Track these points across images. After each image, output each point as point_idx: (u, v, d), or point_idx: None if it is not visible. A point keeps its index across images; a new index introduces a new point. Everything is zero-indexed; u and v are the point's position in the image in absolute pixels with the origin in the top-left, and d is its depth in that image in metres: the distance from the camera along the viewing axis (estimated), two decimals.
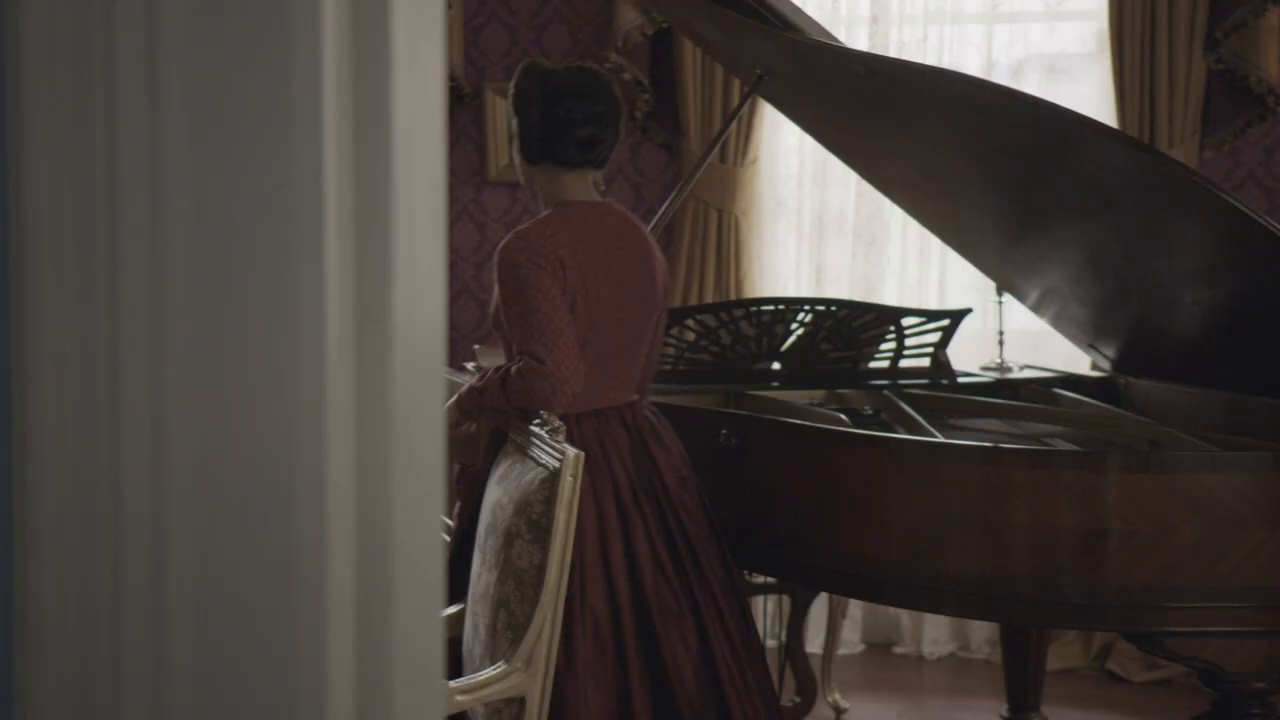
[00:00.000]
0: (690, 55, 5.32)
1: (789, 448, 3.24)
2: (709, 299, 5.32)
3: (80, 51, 0.92)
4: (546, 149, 3.11)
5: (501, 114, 5.54)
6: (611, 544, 2.97)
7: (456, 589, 2.95)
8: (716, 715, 2.94)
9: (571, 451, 2.67)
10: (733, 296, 5.33)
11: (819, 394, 3.98)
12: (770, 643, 4.78)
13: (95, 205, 0.93)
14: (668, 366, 3.87)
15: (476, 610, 2.85)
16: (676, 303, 5.30)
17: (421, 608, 1.04)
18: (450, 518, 3.21)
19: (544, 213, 3.12)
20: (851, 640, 5.47)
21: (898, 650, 5.49)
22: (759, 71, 3.71)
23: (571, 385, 2.93)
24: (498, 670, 2.64)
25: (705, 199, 5.38)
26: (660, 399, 3.56)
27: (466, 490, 3.17)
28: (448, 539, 3.09)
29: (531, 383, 2.93)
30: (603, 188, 3.21)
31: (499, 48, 5.58)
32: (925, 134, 3.59)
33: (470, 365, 3.99)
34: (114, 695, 0.96)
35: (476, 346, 4.14)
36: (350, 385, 0.97)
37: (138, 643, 0.95)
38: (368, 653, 1.00)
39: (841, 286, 5.39)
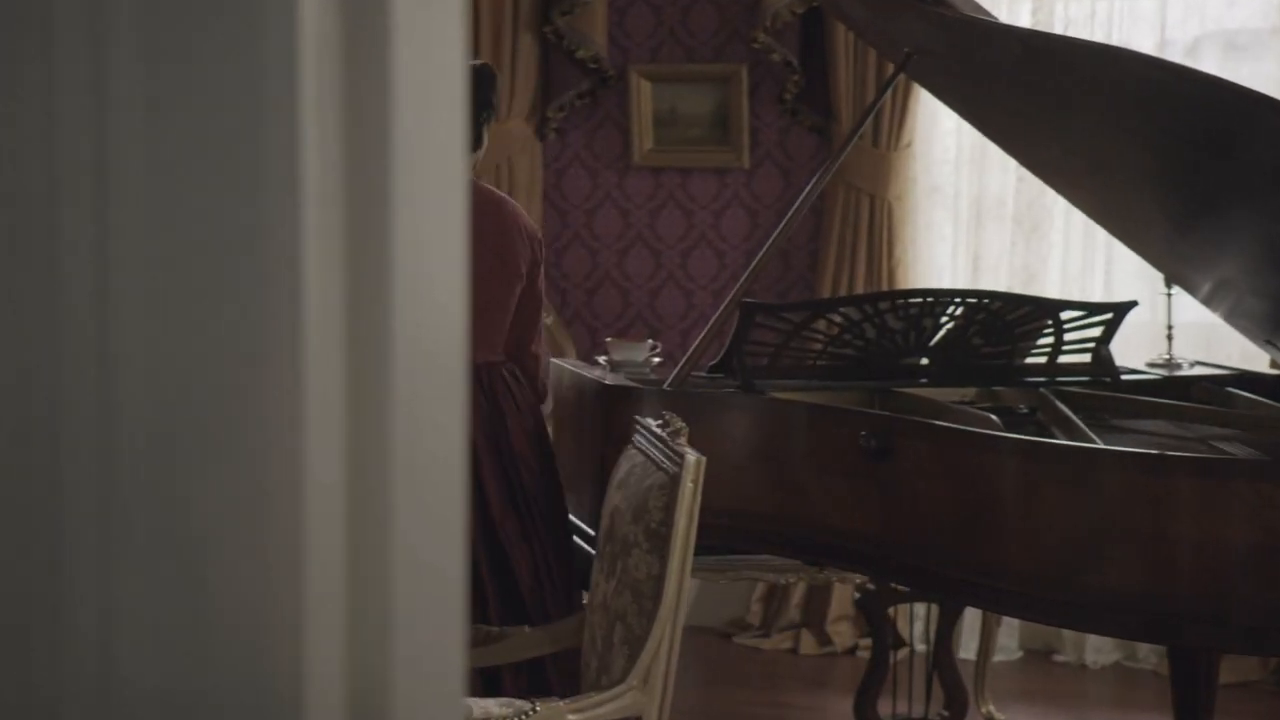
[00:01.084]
0: (841, 34, 5.12)
1: (932, 451, 3.05)
2: (859, 289, 5.14)
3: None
4: None
5: (646, 97, 5.41)
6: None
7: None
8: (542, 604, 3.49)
9: (691, 456, 2.51)
10: (884, 287, 5.15)
11: (970, 392, 3.78)
12: (919, 648, 4.56)
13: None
14: (809, 362, 3.70)
15: (594, 621, 2.70)
16: (825, 293, 5.12)
17: (432, 621, 0.88)
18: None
19: None
20: (1008, 647, 5.23)
21: (1058, 658, 5.25)
22: (907, 50, 3.51)
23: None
24: (613, 690, 2.49)
25: (856, 184, 5.20)
26: (798, 395, 3.38)
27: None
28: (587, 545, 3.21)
29: None
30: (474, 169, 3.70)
31: (644, 29, 5.44)
32: (1087, 116, 3.37)
33: (602, 359, 3.85)
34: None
35: (608, 340, 3.99)
36: (339, 369, 0.81)
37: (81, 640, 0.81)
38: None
39: (999, 276, 5.19)
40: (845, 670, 5.13)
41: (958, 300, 3.74)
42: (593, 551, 2.95)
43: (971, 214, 5.23)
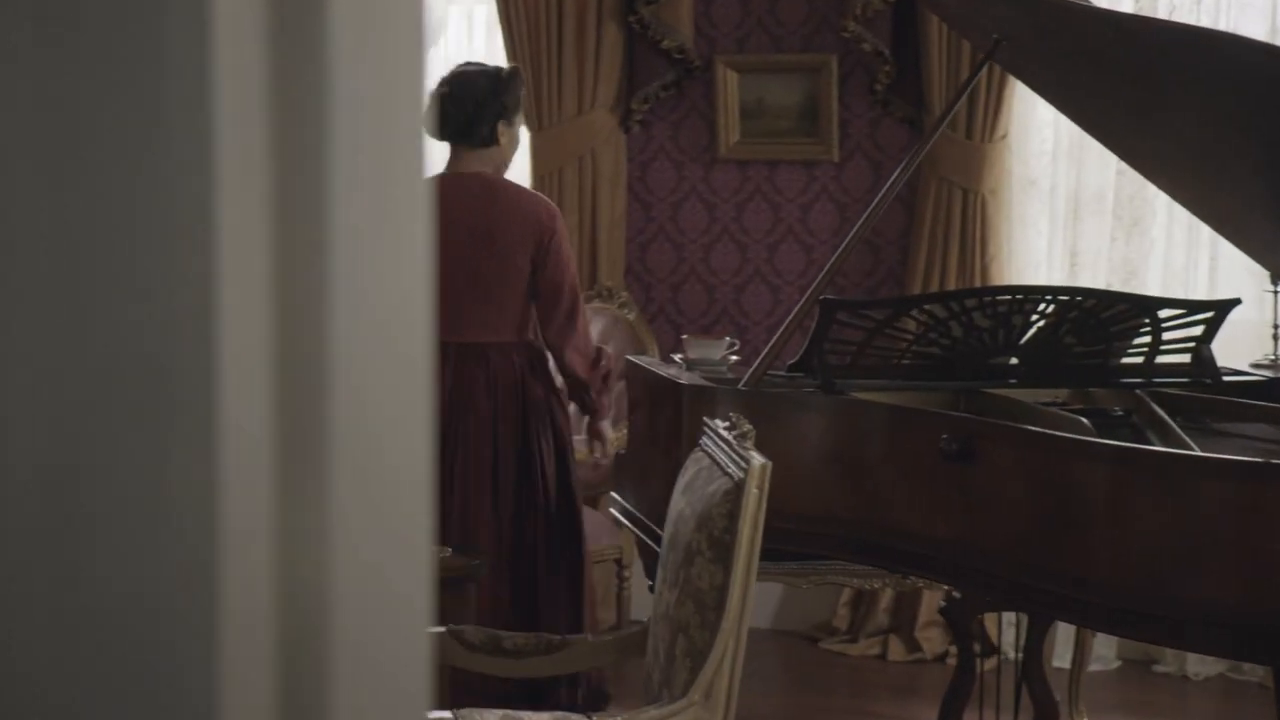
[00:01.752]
0: (935, 22, 4.97)
1: (1017, 456, 2.93)
2: (951, 285, 4.99)
3: None
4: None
5: (733, 88, 5.29)
6: (481, 450, 3.82)
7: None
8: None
9: (757, 460, 2.39)
10: (977, 284, 5.01)
11: (1063, 393, 3.65)
12: (1009, 656, 4.42)
13: None
14: (892, 361, 3.58)
15: (657, 632, 2.60)
16: (915, 290, 4.98)
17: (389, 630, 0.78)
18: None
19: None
20: (1105, 656, 5.06)
21: (1158, 669, 5.07)
22: (996, 36, 3.36)
23: None
24: (673, 705, 2.38)
25: (949, 177, 5.05)
26: (879, 396, 3.26)
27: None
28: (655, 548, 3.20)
29: None
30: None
31: (731, 19, 5.32)
32: (1187, 104, 3.23)
33: (678, 357, 3.74)
34: None
35: (684, 337, 3.88)
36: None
37: None
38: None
39: (1098, 273, 5.03)
40: (935, 678, 4.98)
41: (1049, 297, 3.61)
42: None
43: (1069, 208, 5.07)
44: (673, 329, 5.36)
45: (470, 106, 3.86)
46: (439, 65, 5.61)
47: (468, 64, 4.10)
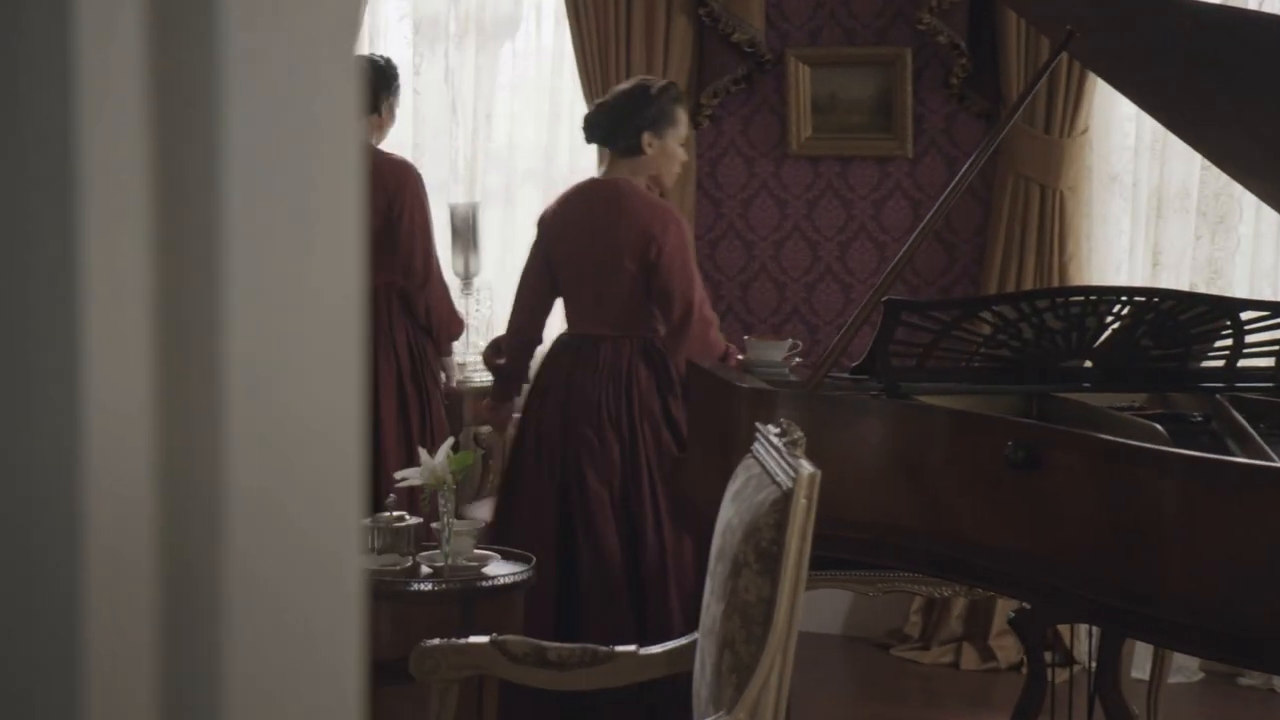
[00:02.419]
0: (1013, 14, 4.84)
1: (1086, 464, 2.80)
2: (1028, 284, 4.86)
3: None
4: None
5: (805, 82, 5.18)
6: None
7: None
8: None
9: (806, 469, 2.30)
10: (1055, 283, 4.88)
11: (1140, 398, 3.53)
12: (1086, 665, 4.27)
13: None
14: (960, 364, 3.47)
15: (704, 646, 2.51)
16: (991, 290, 4.85)
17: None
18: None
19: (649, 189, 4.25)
20: (1187, 667, 4.90)
21: (1243, 681, 4.90)
22: (1068, 27, 3.23)
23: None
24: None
25: (1026, 174, 4.92)
26: (945, 400, 3.18)
27: None
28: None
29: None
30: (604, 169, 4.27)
31: (803, 11, 5.22)
32: (1272, 98, 3.07)
33: (741, 358, 3.65)
34: None
35: (746, 338, 3.79)
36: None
37: None
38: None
39: (1181, 273, 4.89)
40: (1009, 687, 4.84)
41: (1124, 299, 3.48)
42: None
43: (1152, 205, 4.93)
44: (742, 328, 5.27)
45: (615, 114, 4.15)
46: (509, 60, 5.55)
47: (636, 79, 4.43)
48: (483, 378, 5.24)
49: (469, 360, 5.24)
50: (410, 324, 4.73)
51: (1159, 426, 3.02)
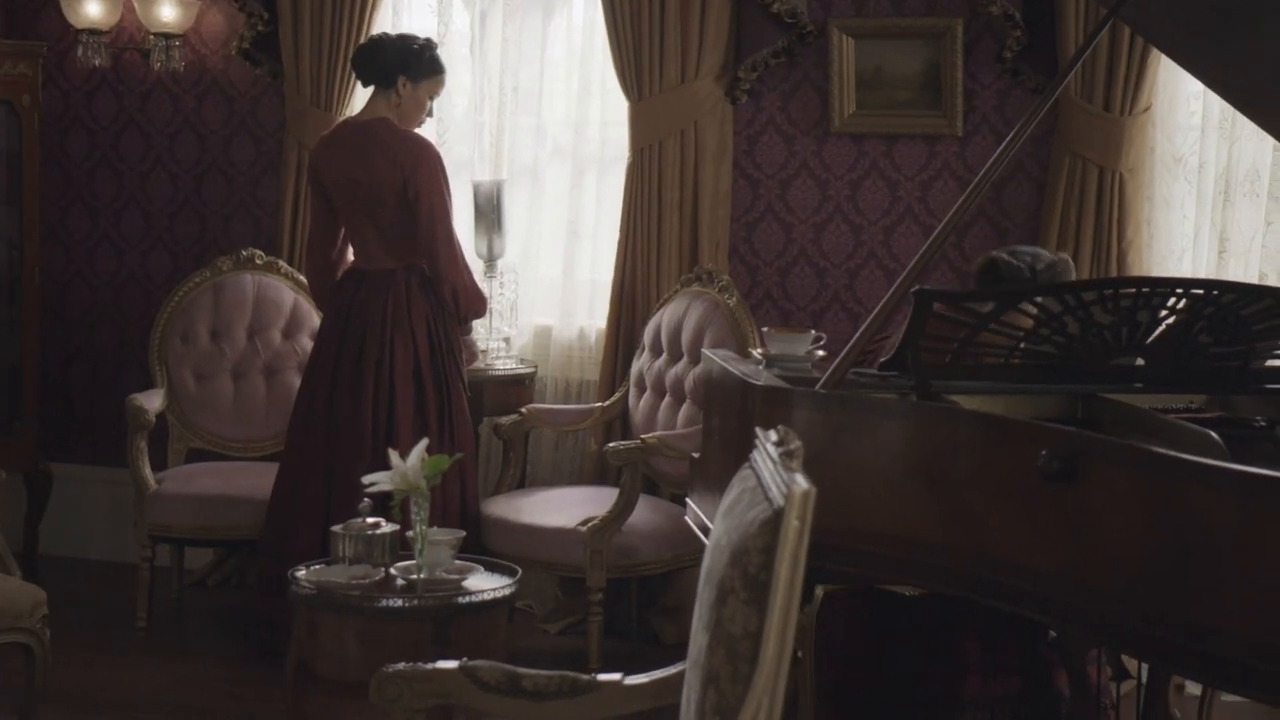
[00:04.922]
0: None
1: (1128, 478, 2.54)
2: (1084, 272, 4.62)
3: None
4: None
5: (849, 56, 4.92)
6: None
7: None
8: None
9: (799, 487, 2.04)
10: (1113, 271, 4.68)
11: (1199, 399, 3.30)
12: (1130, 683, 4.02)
13: None
14: (999, 360, 3.21)
15: (690, 680, 2.26)
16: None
17: None
18: None
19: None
20: None
21: None
22: None
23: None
24: None
25: (1082, 154, 4.71)
26: (980, 402, 3.01)
27: None
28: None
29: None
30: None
31: None
32: None
33: (757, 352, 3.39)
34: None
35: (766, 329, 3.52)
36: None
37: None
38: None
39: (1250, 260, 4.67)
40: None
41: (1179, 291, 3.23)
42: None
43: (1219, 189, 4.72)
44: (780, 315, 5.02)
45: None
46: (537, 32, 5.31)
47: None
48: (505, 365, 5.03)
49: (491, 346, 5.03)
50: (431, 307, 4.56)
51: (1213, 434, 2.75)
